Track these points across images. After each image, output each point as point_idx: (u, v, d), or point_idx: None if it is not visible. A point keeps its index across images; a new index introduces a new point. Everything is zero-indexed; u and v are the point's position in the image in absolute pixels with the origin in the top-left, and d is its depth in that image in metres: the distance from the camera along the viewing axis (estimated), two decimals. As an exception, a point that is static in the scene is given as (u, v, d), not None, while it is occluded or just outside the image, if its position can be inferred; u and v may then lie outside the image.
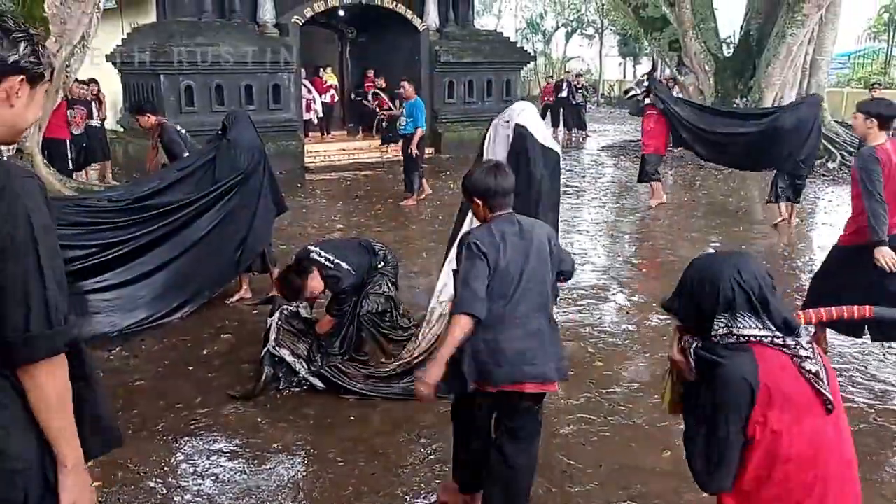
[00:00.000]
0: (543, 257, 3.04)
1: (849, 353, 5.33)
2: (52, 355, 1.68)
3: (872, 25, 29.40)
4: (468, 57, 16.17)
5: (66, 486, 1.75)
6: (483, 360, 2.92)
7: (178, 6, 13.72)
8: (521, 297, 2.96)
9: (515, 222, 3.03)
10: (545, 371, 2.99)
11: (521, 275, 2.96)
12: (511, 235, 2.97)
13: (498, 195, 3.02)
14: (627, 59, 38.02)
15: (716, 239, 8.76)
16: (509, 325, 2.93)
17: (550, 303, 3.10)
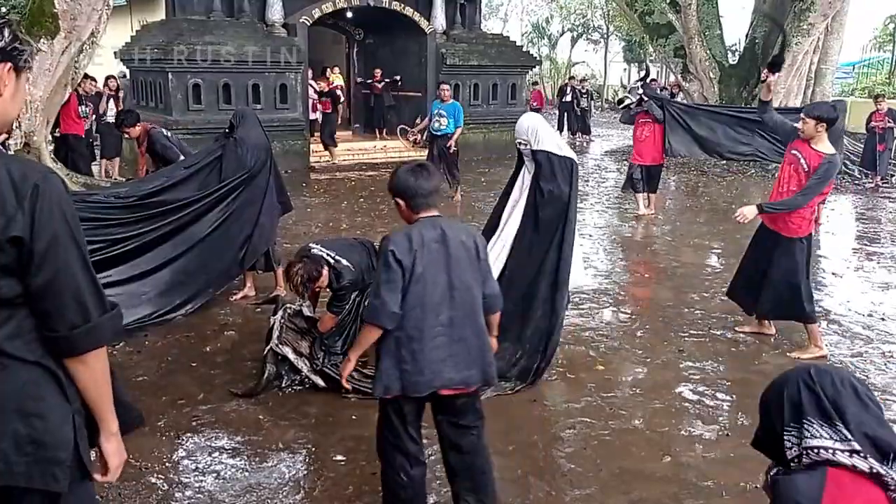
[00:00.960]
0: (468, 264, 2.97)
1: (849, 361, 5.34)
2: (113, 338, 1.80)
3: (877, 36, 29.40)
4: (474, 60, 16.20)
5: (111, 451, 1.87)
6: (405, 368, 2.90)
7: (186, 4, 13.77)
8: (443, 305, 2.92)
9: (438, 226, 2.94)
10: (468, 377, 3.00)
11: (442, 281, 2.91)
12: (431, 241, 2.90)
13: (419, 195, 2.94)
14: (632, 65, 38.01)
15: (718, 245, 8.78)
16: (431, 333, 2.91)
17: (479, 310, 3.04)
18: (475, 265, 2.99)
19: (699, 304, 6.58)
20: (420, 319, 2.89)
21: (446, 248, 2.91)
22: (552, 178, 4.63)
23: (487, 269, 3.09)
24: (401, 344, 2.90)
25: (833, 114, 5.18)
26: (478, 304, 3.02)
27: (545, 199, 4.65)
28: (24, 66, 1.76)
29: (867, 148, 13.53)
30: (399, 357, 2.90)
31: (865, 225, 10.34)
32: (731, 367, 5.24)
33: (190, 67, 12.74)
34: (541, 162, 4.65)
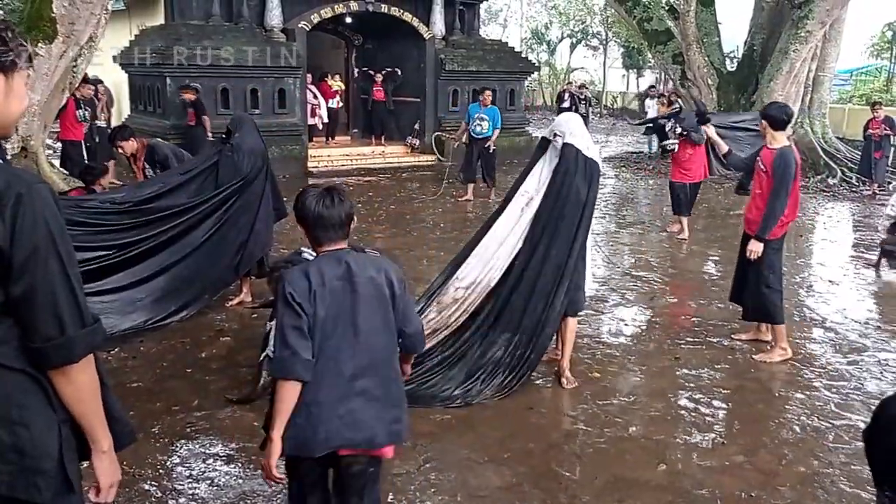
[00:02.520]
0: (378, 304, 2.59)
1: (844, 369, 5.34)
2: (90, 353, 1.76)
3: (875, 43, 29.49)
4: (473, 65, 16.22)
5: (103, 469, 1.84)
6: (299, 423, 2.50)
7: (185, 9, 13.79)
8: (345, 353, 2.53)
9: (343, 261, 2.56)
10: (372, 436, 2.58)
11: (346, 326, 2.54)
12: (333, 279, 2.52)
13: (323, 226, 2.57)
14: (631, 71, 38.07)
15: (715, 252, 8.78)
16: (331, 385, 2.52)
17: (389, 357, 2.67)
18: (386, 304, 2.61)
19: (696, 312, 6.58)
20: (318, 369, 2.49)
21: (352, 286, 2.54)
22: (574, 175, 4.68)
23: (406, 305, 2.70)
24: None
25: (776, 112, 5.32)
26: (388, 351, 2.65)
27: (563, 194, 4.69)
28: (13, 66, 1.71)
29: (864, 155, 13.56)
30: (293, 412, 2.50)
31: (862, 232, 10.34)
32: (728, 375, 5.24)
33: (188, 72, 12.74)
34: (567, 156, 4.70)
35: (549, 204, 4.73)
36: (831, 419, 4.56)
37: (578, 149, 4.69)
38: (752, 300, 5.55)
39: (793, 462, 4.08)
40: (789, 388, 5.04)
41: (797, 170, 5.27)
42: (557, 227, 4.70)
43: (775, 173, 5.22)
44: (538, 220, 4.76)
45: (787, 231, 5.55)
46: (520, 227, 4.84)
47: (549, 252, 4.70)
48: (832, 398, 4.86)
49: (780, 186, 5.21)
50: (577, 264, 4.80)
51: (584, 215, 4.72)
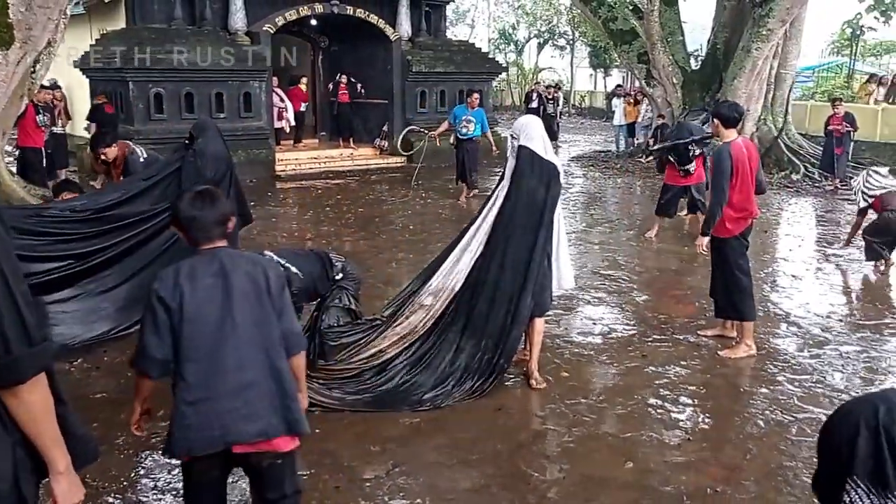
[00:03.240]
0: (255, 299, 2.59)
1: (807, 363, 5.42)
2: (38, 373, 1.71)
3: (836, 40, 30.00)
4: (440, 67, 16.24)
5: (61, 491, 1.81)
6: (189, 423, 2.49)
7: (147, 13, 13.62)
8: (226, 346, 2.52)
9: (217, 259, 2.59)
10: (266, 428, 2.55)
11: (223, 320, 2.53)
12: (206, 276, 2.55)
13: (197, 227, 2.63)
14: (598, 71, 38.35)
15: (682, 249, 8.86)
16: (216, 380, 2.51)
17: (275, 349, 2.62)
18: (264, 300, 2.60)
19: (663, 309, 6.64)
20: (200, 365, 2.50)
21: (226, 281, 2.55)
22: (530, 177, 4.70)
23: (284, 305, 2.67)
24: (182, 395, 2.51)
25: (726, 111, 5.40)
26: (272, 343, 2.61)
27: (520, 196, 4.71)
28: None
29: (826, 151, 13.79)
30: (182, 411, 2.50)
31: (824, 227, 10.52)
32: (694, 372, 5.29)
33: (151, 76, 12.61)
34: (523, 158, 4.73)
35: (508, 208, 4.75)
36: (794, 413, 4.63)
37: (534, 151, 4.70)
38: (722, 298, 5.62)
39: (757, 456, 4.13)
40: (754, 383, 5.11)
41: (739, 164, 5.27)
42: (516, 230, 4.72)
43: (713, 170, 5.36)
44: (498, 224, 4.79)
45: (750, 227, 5.59)
46: (482, 231, 4.86)
47: (508, 256, 4.72)
48: (795, 392, 4.93)
49: (715, 182, 5.32)
50: (542, 266, 4.82)
51: (544, 217, 4.72)
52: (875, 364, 5.40)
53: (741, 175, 5.30)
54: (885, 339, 5.90)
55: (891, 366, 5.40)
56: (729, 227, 5.40)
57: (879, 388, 5.02)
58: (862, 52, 28.88)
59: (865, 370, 5.31)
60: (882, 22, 17.52)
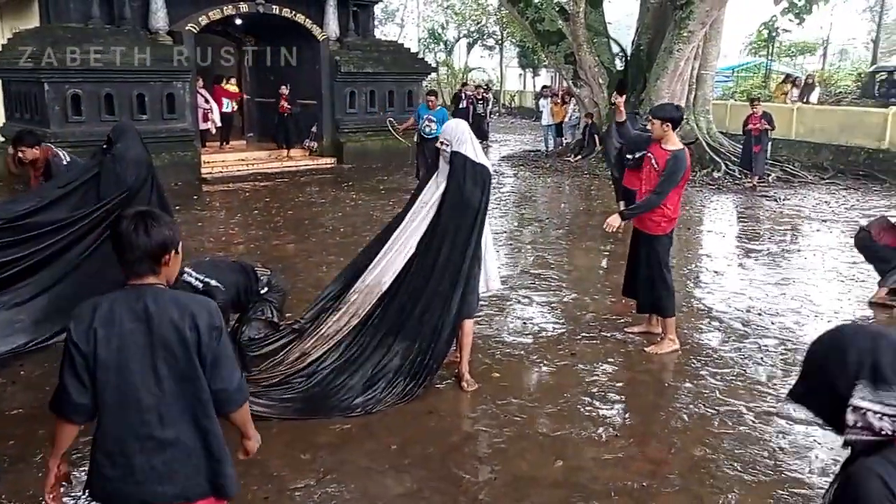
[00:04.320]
0: (182, 350, 2.27)
1: (729, 357, 5.60)
2: None
3: (753, 41, 31.09)
4: (369, 67, 16.16)
5: None
6: (106, 474, 2.30)
7: (62, 11, 13.14)
8: (148, 400, 2.27)
9: (142, 300, 2.27)
10: (185, 490, 2.35)
11: (144, 370, 2.26)
12: (126, 319, 2.25)
13: (128, 257, 2.29)
14: (527, 71, 38.81)
15: (610, 247, 9.03)
16: (136, 434, 2.28)
17: (203, 405, 2.34)
18: (192, 354, 2.28)
19: (591, 307, 6.76)
20: (118, 416, 2.27)
21: (149, 327, 2.25)
22: (464, 182, 4.74)
23: (220, 356, 2.34)
24: (99, 442, 2.31)
25: (675, 113, 5.51)
26: (200, 401, 2.33)
27: (456, 200, 4.75)
28: None
29: (745, 149, 14.26)
30: (98, 459, 2.31)
31: (745, 224, 10.88)
32: (621, 368, 5.41)
33: (68, 77, 12.17)
34: (457, 164, 4.77)
35: (446, 212, 4.77)
36: (716, 406, 4.77)
37: (467, 156, 4.76)
38: (646, 295, 5.76)
39: (681, 450, 4.24)
40: (678, 378, 5.24)
41: (687, 169, 5.45)
42: (451, 233, 4.75)
43: (665, 173, 5.38)
44: (435, 227, 4.80)
45: (674, 227, 5.75)
46: (415, 233, 4.86)
47: (442, 258, 4.74)
48: (717, 385, 5.08)
49: (665, 186, 5.37)
50: (473, 268, 4.86)
51: (478, 220, 4.78)
52: (793, 357, 5.61)
53: (685, 178, 5.48)
54: (803, 332, 6.14)
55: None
56: (664, 225, 5.53)
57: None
58: (778, 53, 30.01)
59: (783, 362, 5.51)
60: (796, 23, 18.19)
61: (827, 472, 4.01)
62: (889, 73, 22.29)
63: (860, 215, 11.19)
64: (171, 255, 2.34)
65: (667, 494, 3.80)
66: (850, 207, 11.98)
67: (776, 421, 4.60)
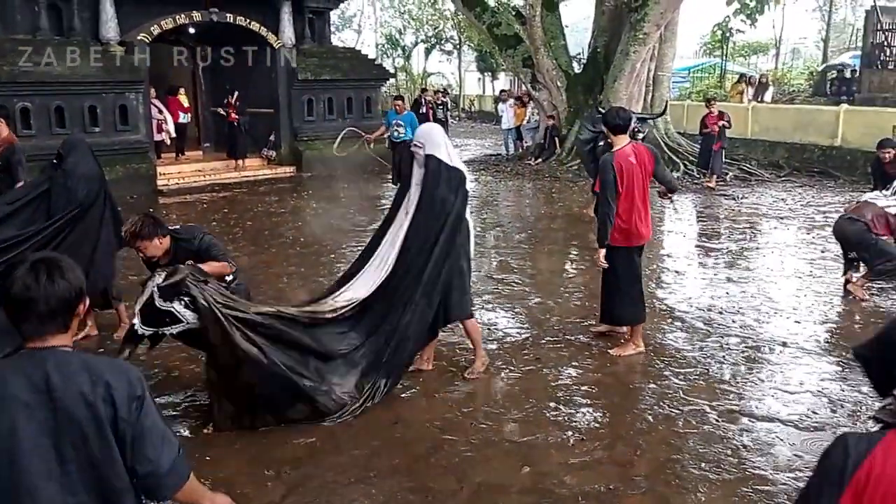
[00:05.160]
0: (94, 428, 1.88)
1: (692, 356, 5.63)
2: None
3: (707, 42, 31.59)
4: (326, 74, 16.05)
5: None
6: None
7: (8, 23, 12.79)
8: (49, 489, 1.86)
9: (42, 368, 1.87)
10: None
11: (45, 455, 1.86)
12: (22, 391, 1.85)
13: (25, 314, 1.91)
14: (486, 75, 38.96)
15: (573, 250, 9.07)
16: None
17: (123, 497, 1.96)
18: (106, 432, 1.89)
19: (556, 311, 6.75)
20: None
21: (51, 401, 1.85)
22: (438, 185, 4.76)
23: (144, 431, 1.95)
24: None
25: (611, 119, 5.43)
26: (116, 490, 1.94)
27: (432, 205, 4.77)
28: None
29: (703, 149, 14.43)
30: None
31: (704, 223, 11.00)
32: (586, 371, 5.40)
33: (16, 90, 11.88)
34: (431, 167, 4.79)
35: (421, 217, 4.80)
36: (680, 406, 4.79)
37: (440, 159, 4.77)
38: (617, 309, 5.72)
39: (646, 451, 4.25)
40: (643, 380, 5.25)
41: (623, 174, 5.25)
42: (427, 238, 4.75)
43: (599, 181, 5.40)
44: (410, 233, 4.81)
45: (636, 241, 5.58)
46: (395, 246, 4.89)
47: (419, 264, 4.75)
48: (681, 385, 5.10)
49: (603, 194, 5.34)
50: (457, 270, 4.91)
51: (453, 222, 4.80)
52: (754, 354, 5.66)
53: (626, 185, 5.29)
54: (763, 329, 6.20)
55: (770, 354, 5.67)
56: (616, 236, 5.40)
57: (759, 376, 5.27)
58: (732, 53, 30.52)
59: (745, 360, 5.56)
60: (749, 24, 18.51)
61: (790, 467, 4.04)
62: (839, 71, 22.80)
63: (816, 211, 11.41)
64: (84, 304, 2.00)
65: (634, 497, 3.79)
66: (805, 204, 12.19)
67: (739, 419, 4.62)
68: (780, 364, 5.47)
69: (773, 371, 5.36)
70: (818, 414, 4.68)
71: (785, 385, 5.11)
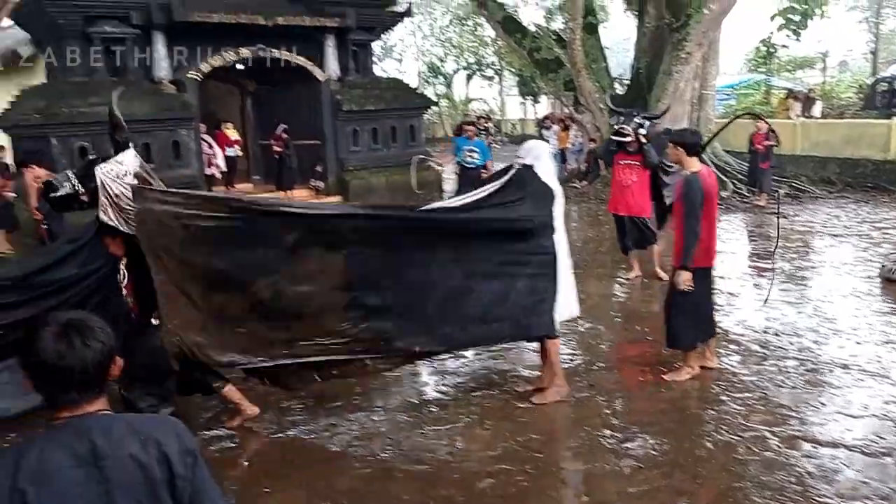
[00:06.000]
0: (147, 493, 1.74)
1: (749, 380, 5.52)
2: None
3: (752, 58, 31.21)
4: (370, 105, 16.27)
5: None
6: None
7: (67, 67, 13.29)
8: None
9: (86, 440, 1.71)
10: None
11: None
12: (66, 467, 1.68)
13: (55, 381, 1.76)
14: (527, 99, 39.03)
15: (621, 274, 8.98)
16: None
17: None
18: (159, 494, 1.75)
19: (606, 336, 6.70)
20: None
21: (100, 472, 1.70)
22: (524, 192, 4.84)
23: (201, 489, 1.82)
24: None
25: (691, 139, 5.45)
26: None
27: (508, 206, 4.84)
28: None
29: (751, 167, 14.23)
30: None
31: (756, 243, 10.82)
32: (640, 397, 5.34)
33: (74, 130, 12.30)
34: (522, 175, 4.88)
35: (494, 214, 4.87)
36: (740, 432, 4.69)
37: (536, 172, 4.81)
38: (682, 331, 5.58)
39: (707, 479, 4.17)
40: (699, 405, 5.17)
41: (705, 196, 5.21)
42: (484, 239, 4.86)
43: (683, 200, 5.29)
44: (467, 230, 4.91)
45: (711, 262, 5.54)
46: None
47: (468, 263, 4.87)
48: (739, 410, 5.00)
49: (688, 213, 5.23)
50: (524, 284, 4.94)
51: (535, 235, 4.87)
52: (813, 376, 5.53)
53: (707, 205, 5.24)
54: (822, 351, 6.06)
55: (830, 376, 5.54)
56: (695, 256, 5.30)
57: (820, 400, 5.14)
58: (777, 69, 30.08)
59: (805, 383, 5.43)
60: (793, 38, 18.29)
61: (857, 495, 3.92)
62: (890, 83, 22.29)
63: (871, 228, 11.13)
64: (117, 364, 1.86)
65: (696, 527, 3.73)
66: (861, 221, 11.91)
67: (802, 444, 4.51)
68: (842, 387, 5.33)
69: (834, 394, 5.22)
70: (885, 439, 4.54)
71: (847, 409, 4.97)
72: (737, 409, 5.03)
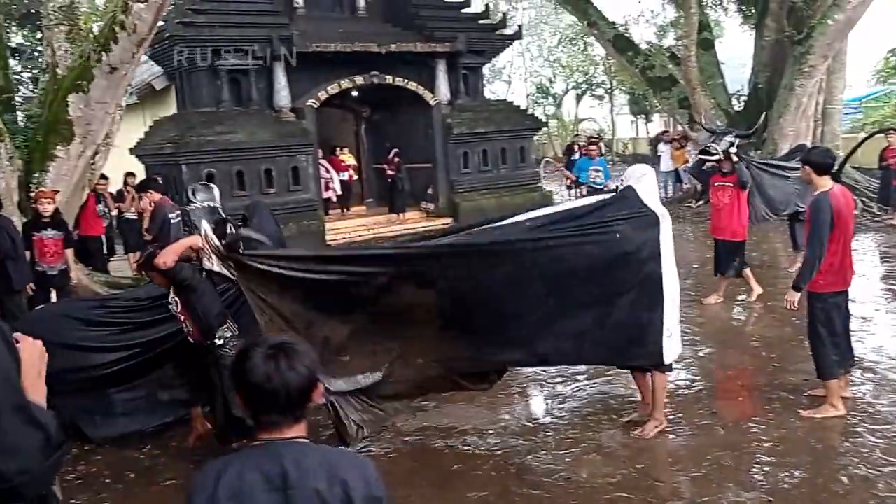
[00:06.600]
0: None
1: (887, 411, 5.17)
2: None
3: (880, 70, 29.52)
4: (480, 127, 16.42)
5: None
6: None
7: (196, 98, 14.14)
8: None
9: (279, 462, 1.78)
10: None
11: None
12: (258, 490, 1.76)
13: (261, 401, 1.83)
14: (639, 118, 38.35)
15: (741, 296, 8.64)
16: None
17: None
18: None
19: (729, 362, 6.46)
20: None
21: (286, 500, 1.76)
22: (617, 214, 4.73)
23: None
24: None
25: (819, 158, 5.22)
26: None
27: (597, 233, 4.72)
28: None
29: (883, 184, 13.43)
30: None
31: (890, 264, 10.18)
32: (768, 427, 5.09)
33: (202, 157, 13.02)
34: (625, 195, 4.81)
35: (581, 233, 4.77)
36: (879, 467, 4.41)
37: (639, 194, 4.74)
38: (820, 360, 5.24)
39: (845, 517, 3.94)
40: (833, 437, 4.89)
41: (835, 216, 4.97)
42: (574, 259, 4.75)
43: (811, 220, 5.08)
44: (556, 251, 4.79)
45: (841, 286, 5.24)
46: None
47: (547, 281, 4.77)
48: (878, 444, 4.70)
49: (812, 234, 5.03)
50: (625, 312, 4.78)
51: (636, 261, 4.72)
52: (960, 409, 5.14)
53: (841, 226, 5.02)
54: (969, 381, 5.63)
55: (978, 410, 5.13)
56: (824, 280, 5.09)
57: (969, 435, 4.77)
58: (908, 79, 28.34)
59: (951, 416, 5.06)
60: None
61: None
62: None
63: None
64: (319, 390, 1.90)
65: (833, 567, 3.52)
66: None
67: (950, 483, 4.19)
68: None
69: None
70: None
71: None
72: (874, 442, 4.73)
